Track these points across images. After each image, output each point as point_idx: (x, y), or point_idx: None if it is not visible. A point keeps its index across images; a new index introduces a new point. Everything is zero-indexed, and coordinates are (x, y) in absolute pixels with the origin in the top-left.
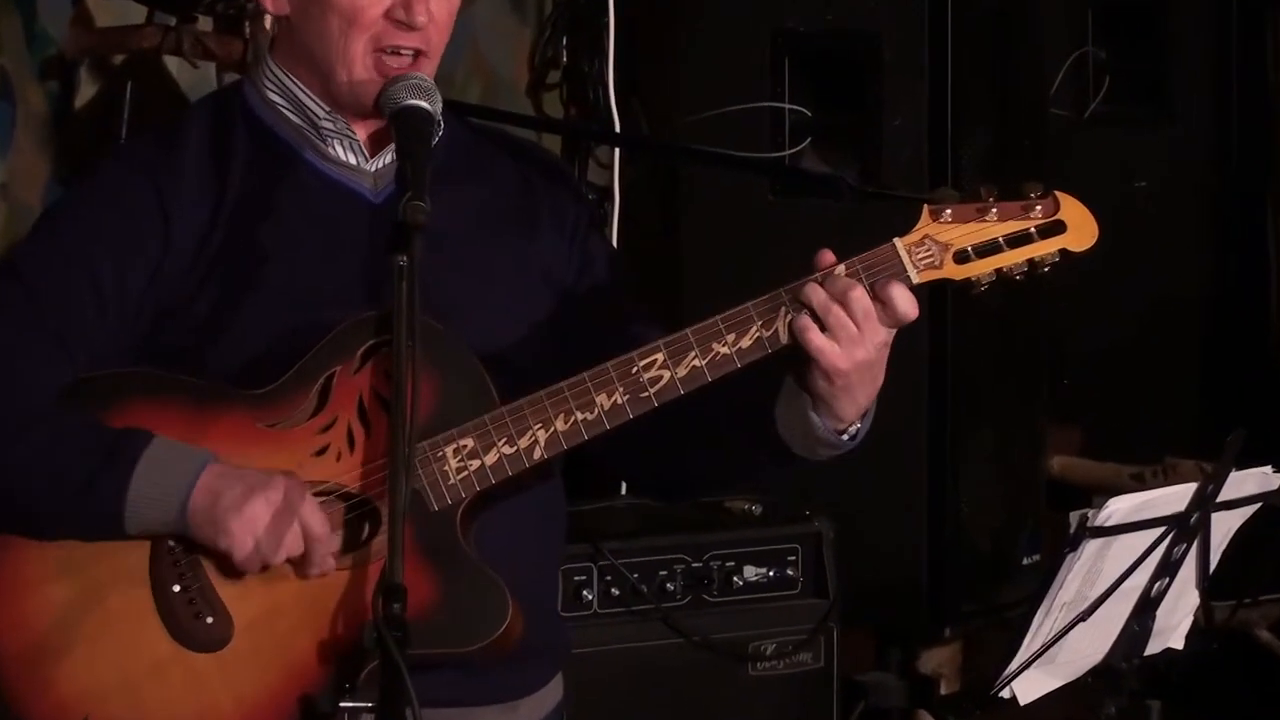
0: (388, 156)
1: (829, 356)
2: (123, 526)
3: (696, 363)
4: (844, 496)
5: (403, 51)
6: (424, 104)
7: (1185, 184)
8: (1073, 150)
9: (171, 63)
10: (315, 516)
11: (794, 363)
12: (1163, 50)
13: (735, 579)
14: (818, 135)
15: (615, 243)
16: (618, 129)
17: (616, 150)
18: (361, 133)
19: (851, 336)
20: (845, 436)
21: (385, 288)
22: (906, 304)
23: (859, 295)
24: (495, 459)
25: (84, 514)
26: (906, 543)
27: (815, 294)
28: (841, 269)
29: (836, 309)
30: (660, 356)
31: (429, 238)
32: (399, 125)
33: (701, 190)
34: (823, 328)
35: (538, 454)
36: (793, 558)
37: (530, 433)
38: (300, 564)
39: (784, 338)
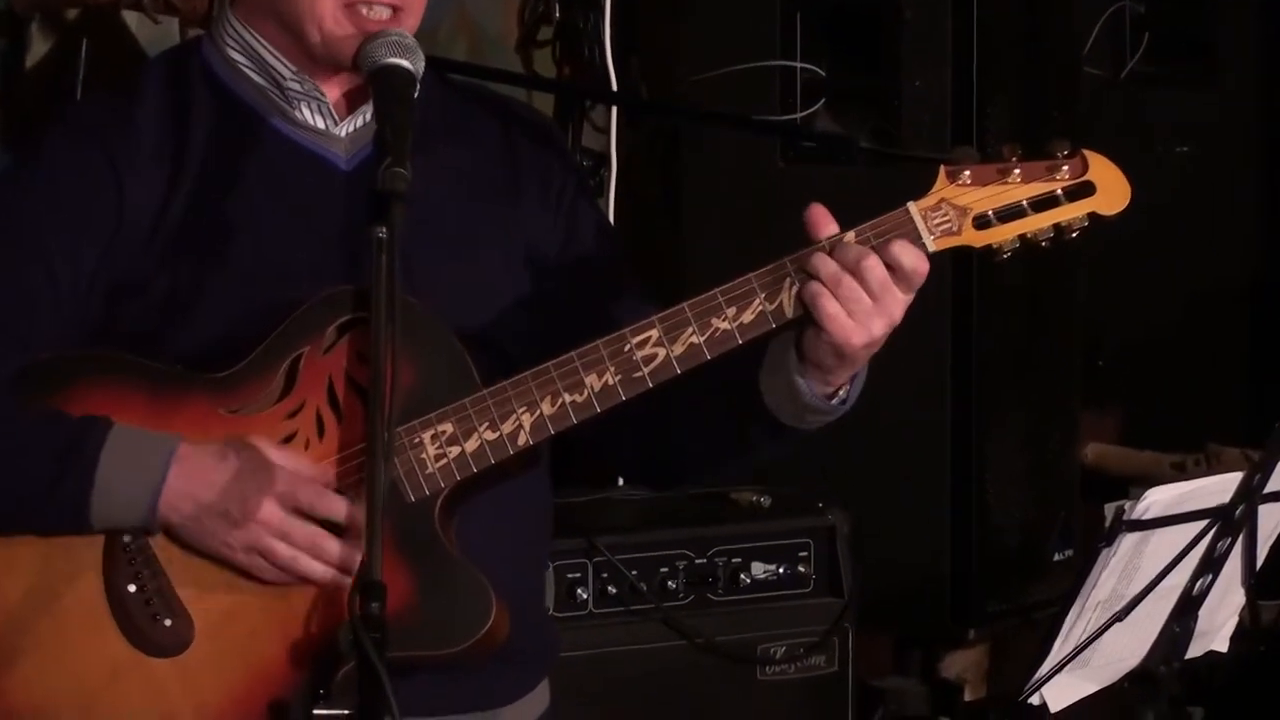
0: (360, 119)
1: (842, 329)
2: (88, 521)
3: (694, 339)
4: (860, 487)
5: (377, 4)
6: (405, 63)
7: (1232, 149)
8: (1108, 113)
9: (130, 18)
10: (335, 502)
11: (782, 330)
12: (1207, 3)
13: (742, 576)
14: (832, 97)
15: (612, 213)
16: (615, 89)
17: (613, 112)
18: (331, 94)
19: (867, 310)
20: (835, 401)
21: (361, 262)
22: (913, 260)
23: (873, 264)
24: (476, 445)
25: (44, 511)
26: (928, 537)
27: (824, 264)
28: (851, 236)
29: (849, 280)
30: (655, 333)
31: (407, 209)
32: (378, 86)
33: (705, 156)
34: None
35: (522, 439)
36: (804, 553)
37: (514, 417)
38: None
39: (789, 311)
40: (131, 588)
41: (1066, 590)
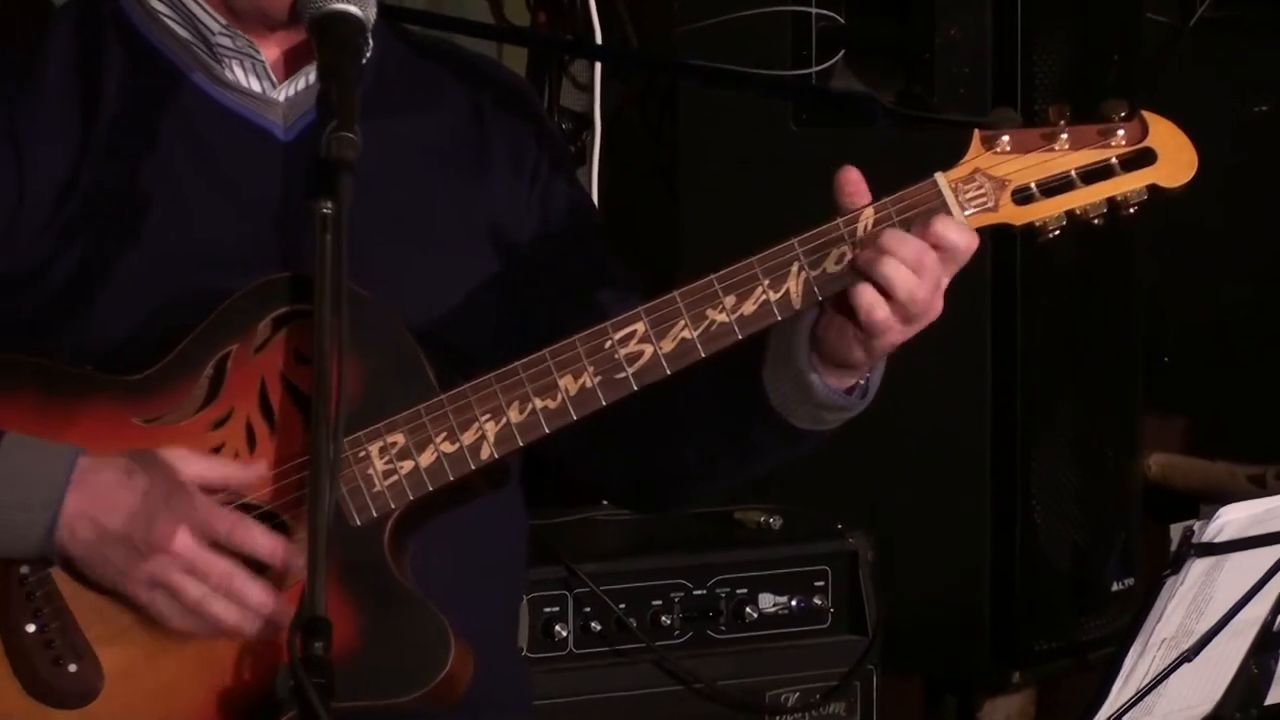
0: (301, 81)
1: (891, 336)
2: None
3: (686, 334)
4: (886, 506)
5: None
6: (353, 9)
7: None
8: (1175, 67)
9: None
10: (260, 536)
11: (816, 324)
12: None
13: (748, 610)
14: (853, 48)
15: (595, 185)
16: (599, 41)
17: (597, 67)
18: (269, 53)
19: (920, 315)
20: (854, 395)
21: (300, 245)
22: (958, 236)
23: (932, 261)
24: (432, 459)
25: None
26: (965, 563)
27: (879, 268)
28: (870, 212)
29: (906, 274)
30: (640, 327)
31: (356, 182)
32: (322, 37)
33: (704, 118)
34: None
35: (486, 453)
36: (821, 583)
37: (476, 426)
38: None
39: (797, 301)
40: (30, 627)
41: (1126, 625)
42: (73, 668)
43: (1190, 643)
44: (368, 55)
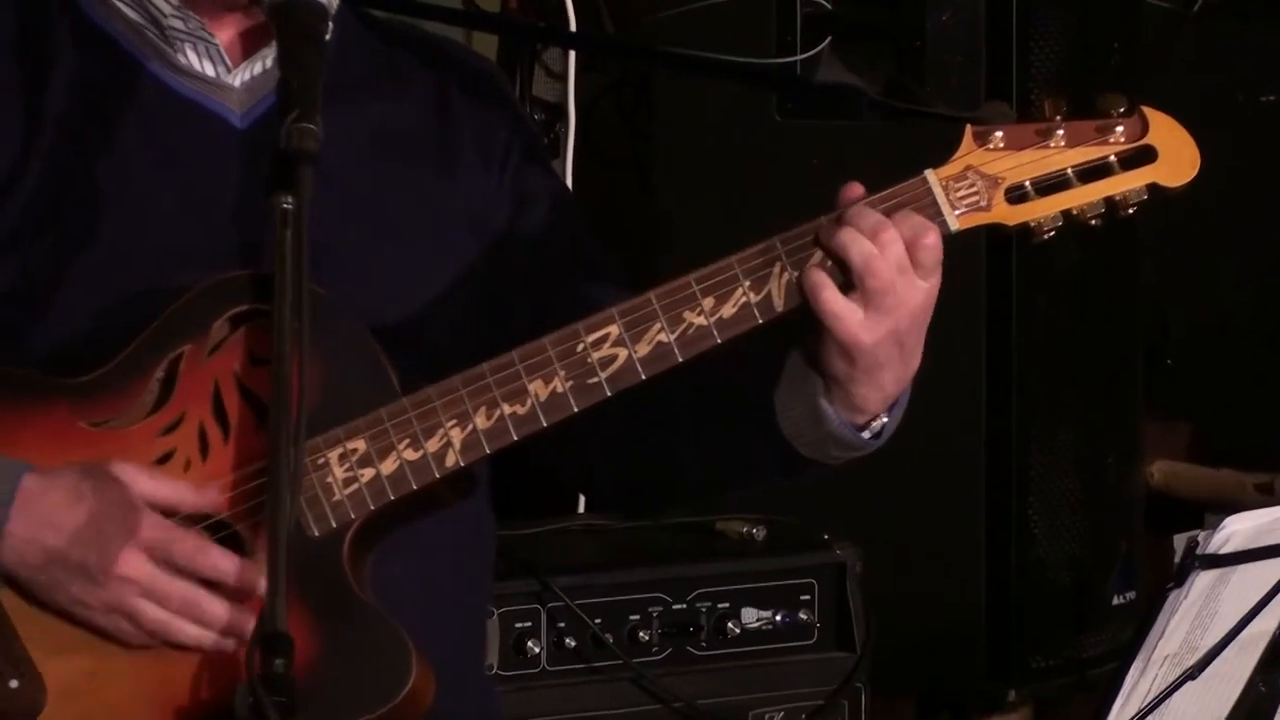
0: (258, 65)
1: (849, 325)
2: None
3: (663, 338)
4: (876, 514)
5: None
6: None
7: None
8: (1179, 55)
9: None
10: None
11: (802, 335)
12: None
13: (730, 625)
14: (840, 35)
15: (570, 178)
16: (573, 27)
17: (571, 55)
18: (222, 35)
19: (882, 293)
20: (867, 434)
21: (258, 241)
22: (914, 229)
23: (892, 238)
24: (395, 467)
25: None
26: (958, 575)
27: (830, 236)
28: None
29: (864, 249)
30: (614, 330)
31: (317, 176)
32: (282, 23)
33: (683, 108)
34: (842, 286)
35: (451, 460)
36: (807, 597)
37: (441, 432)
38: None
39: (780, 303)
40: None
41: (1128, 641)
42: (14, 684)
43: (1195, 659)
44: (329, 40)
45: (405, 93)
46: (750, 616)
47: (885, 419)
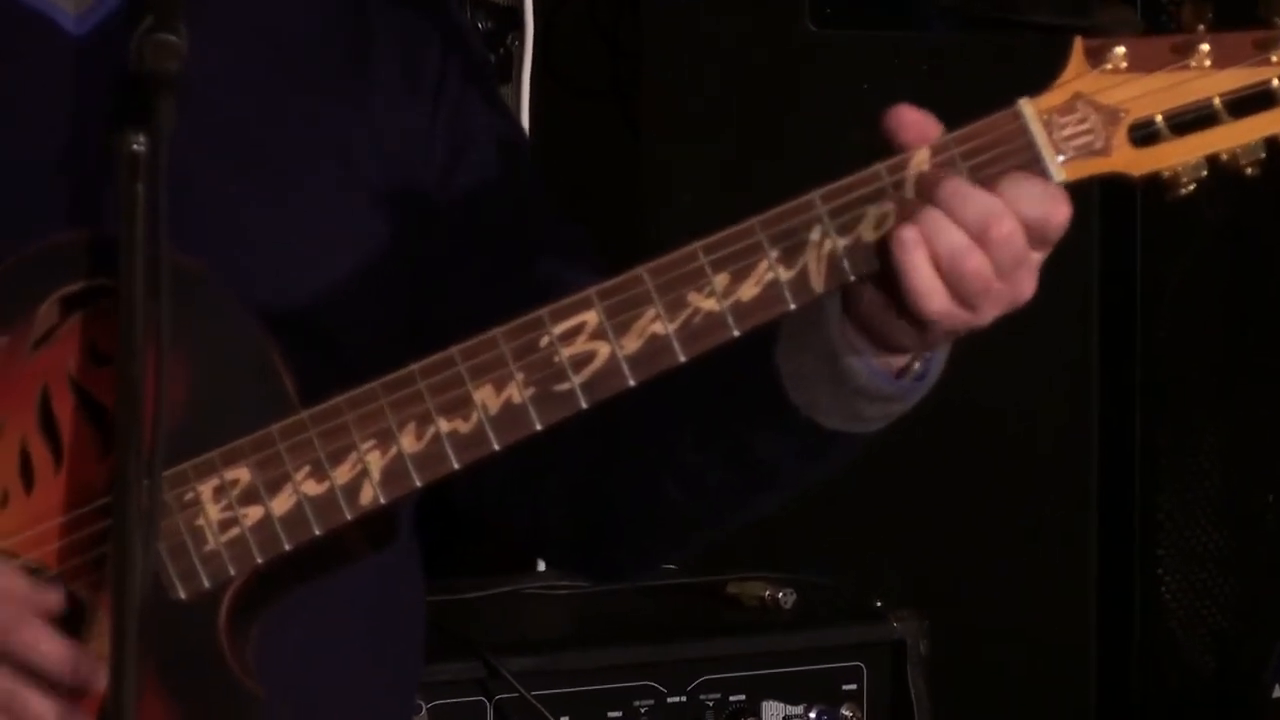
0: None
1: (934, 306)
2: None
3: (659, 329)
4: (946, 577)
5: None
6: None
7: None
8: None
9: None
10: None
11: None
12: None
13: None
14: None
15: (527, 111)
16: None
17: None
18: None
19: (982, 294)
20: (905, 377)
21: (99, 192)
22: (1042, 204)
23: (1009, 234)
24: (290, 505)
25: None
26: (1059, 659)
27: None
28: (925, 154)
29: (975, 252)
30: (591, 317)
31: (180, 103)
32: None
33: (682, 16)
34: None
35: (368, 495)
36: (853, 685)
37: (355, 457)
38: None
39: (819, 283)
40: None
41: None
42: None
43: None
44: None
45: None
46: (775, 713)
47: (927, 354)
